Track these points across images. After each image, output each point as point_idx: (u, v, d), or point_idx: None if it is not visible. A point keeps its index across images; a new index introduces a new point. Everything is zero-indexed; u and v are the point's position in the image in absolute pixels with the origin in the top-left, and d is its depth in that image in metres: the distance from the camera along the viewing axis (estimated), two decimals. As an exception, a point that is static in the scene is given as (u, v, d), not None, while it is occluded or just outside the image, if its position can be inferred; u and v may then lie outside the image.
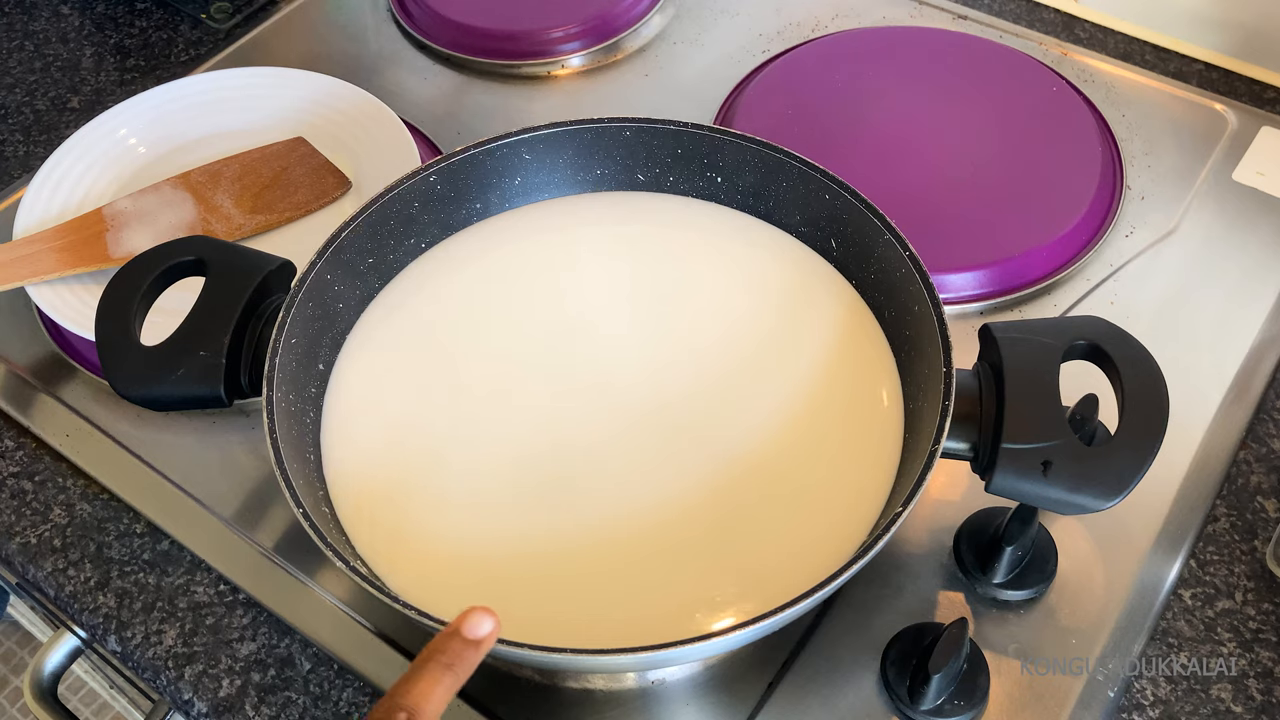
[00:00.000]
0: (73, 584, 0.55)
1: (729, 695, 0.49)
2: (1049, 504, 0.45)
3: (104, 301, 0.49)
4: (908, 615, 0.50)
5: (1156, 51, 0.77)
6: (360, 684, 0.51)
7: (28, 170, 0.73)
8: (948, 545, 0.52)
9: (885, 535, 0.42)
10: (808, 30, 0.79)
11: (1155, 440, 0.45)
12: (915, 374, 0.50)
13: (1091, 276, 0.63)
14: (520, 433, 0.51)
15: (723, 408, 0.51)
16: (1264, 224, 0.66)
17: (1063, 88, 0.72)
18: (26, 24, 0.86)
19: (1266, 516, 0.55)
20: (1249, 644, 0.51)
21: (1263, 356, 0.60)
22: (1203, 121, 0.71)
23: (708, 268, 0.57)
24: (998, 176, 0.67)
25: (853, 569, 0.41)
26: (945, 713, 0.47)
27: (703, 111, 0.74)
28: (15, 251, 0.62)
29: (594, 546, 0.47)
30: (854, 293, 0.55)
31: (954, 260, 0.62)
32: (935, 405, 0.46)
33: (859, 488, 0.49)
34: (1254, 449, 0.57)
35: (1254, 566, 0.53)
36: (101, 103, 0.78)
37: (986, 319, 0.62)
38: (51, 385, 0.62)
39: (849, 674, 0.49)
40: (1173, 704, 0.49)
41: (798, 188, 0.55)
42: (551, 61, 0.78)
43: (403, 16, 0.83)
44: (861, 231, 0.53)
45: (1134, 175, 0.69)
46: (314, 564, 0.54)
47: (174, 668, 0.52)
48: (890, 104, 0.71)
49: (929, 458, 0.44)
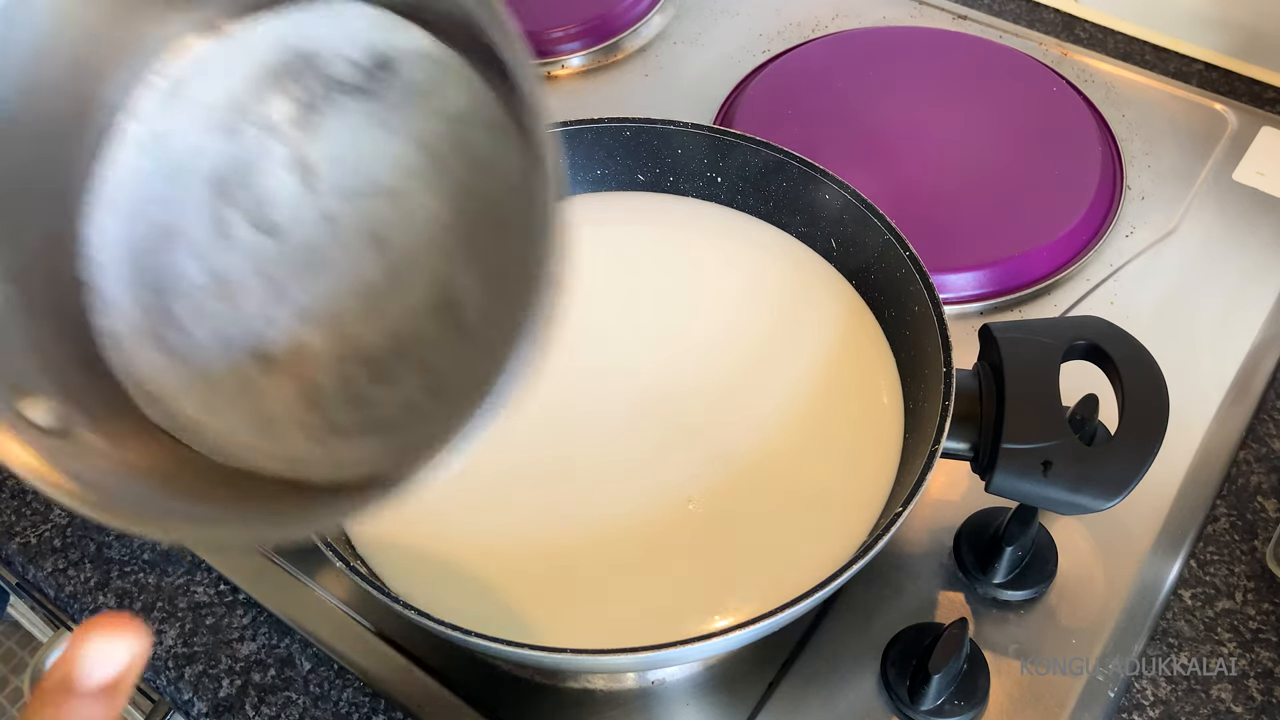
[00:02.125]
0: (73, 584, 0.55)
1: (729, 695, 0.49)
2: (1049, 504, 0.45)
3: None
4: (908, 615, 0.50)
5: (1156, 51, 0.77)
6: (360, 684, 0.51)
7: (28, 170, 0.73)
8: (948, 545, 0.52)
9: (885, 535, 0.42)
10: (808, 30, 0.79)
11: (1155, 440, 0.45)
12: (915, 374, 0.50)
13: (1091, 276, 0.63)
14: (519, 432, 0.51)
15: (723, 408, 0.51)
16: (1264, 224, 0.66)
17: (1063, 88, 0.72)
18: (26, 24, 0.86)
19: (1267, 516, 0.55)
20: (1249, 644, 0.50)
21: (1263, 356, 0.60)
22: (1203, 121, 0.71)
23: (708, 268, 0.57)
24: (998, 176, 0.67)
25: (853, 569, 0.41)
26: (945, 713, 0.47)
27: (703, 111, 0.74)
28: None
29: (594, 546, 0.47)
30: (854, 293, 0.55)
31: (954, 260, 0.62)
32: (935, 405, 0.46)
33: (859, 487, 0.49)
34: (1254, 449, 0.57)
35: (1254, 566, 0.53)
36: (101, 103, 0.78)
37: (987, 319, 0.62)
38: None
39: (849, 674, 0.49)
40: (1173, 704, 0.49)
41: (798, 188, 0.55)
42: (551, 61, 0.78)
43: (403, 16, 0.83)
44: (861, 231, 0.53)
45: (1134, 175, 0.69)
46: (314, 564, 0.54)
47: (174, 668, 0.52)
48: (890, 104, 0.71)
49: (929, 458, 0.44)
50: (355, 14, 0.39)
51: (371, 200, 0.40)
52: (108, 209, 0.40)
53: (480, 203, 0.40)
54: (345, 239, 0.40)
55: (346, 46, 0.40)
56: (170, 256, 0.40)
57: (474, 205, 0.40)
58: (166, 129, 0.40)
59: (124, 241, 0.40)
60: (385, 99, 0.40)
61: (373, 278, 0.40)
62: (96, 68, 0.39)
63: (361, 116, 0.40)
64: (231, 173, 0.41)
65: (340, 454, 0.39)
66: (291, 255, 0.41)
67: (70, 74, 0.38)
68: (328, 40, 0.40)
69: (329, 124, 0.40)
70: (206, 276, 0.40)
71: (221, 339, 0.40)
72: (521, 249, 0.39)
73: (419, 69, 0.40)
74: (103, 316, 0.40)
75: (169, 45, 0.40)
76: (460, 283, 0.40)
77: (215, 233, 0.40)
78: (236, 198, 0.41)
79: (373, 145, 0.40)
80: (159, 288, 0.40)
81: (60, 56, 0.37)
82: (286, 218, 0.41)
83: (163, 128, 0.40)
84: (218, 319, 0.40)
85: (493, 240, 0.40)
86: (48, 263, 0.39)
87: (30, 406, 0.34)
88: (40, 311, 0.38)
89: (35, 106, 0.37)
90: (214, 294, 0.40)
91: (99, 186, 0.40)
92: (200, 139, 0.41)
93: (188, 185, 0.40)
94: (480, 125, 0.40)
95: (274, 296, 0.41)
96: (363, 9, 0.39)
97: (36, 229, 0.38)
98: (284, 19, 0.40)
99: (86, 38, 0.38)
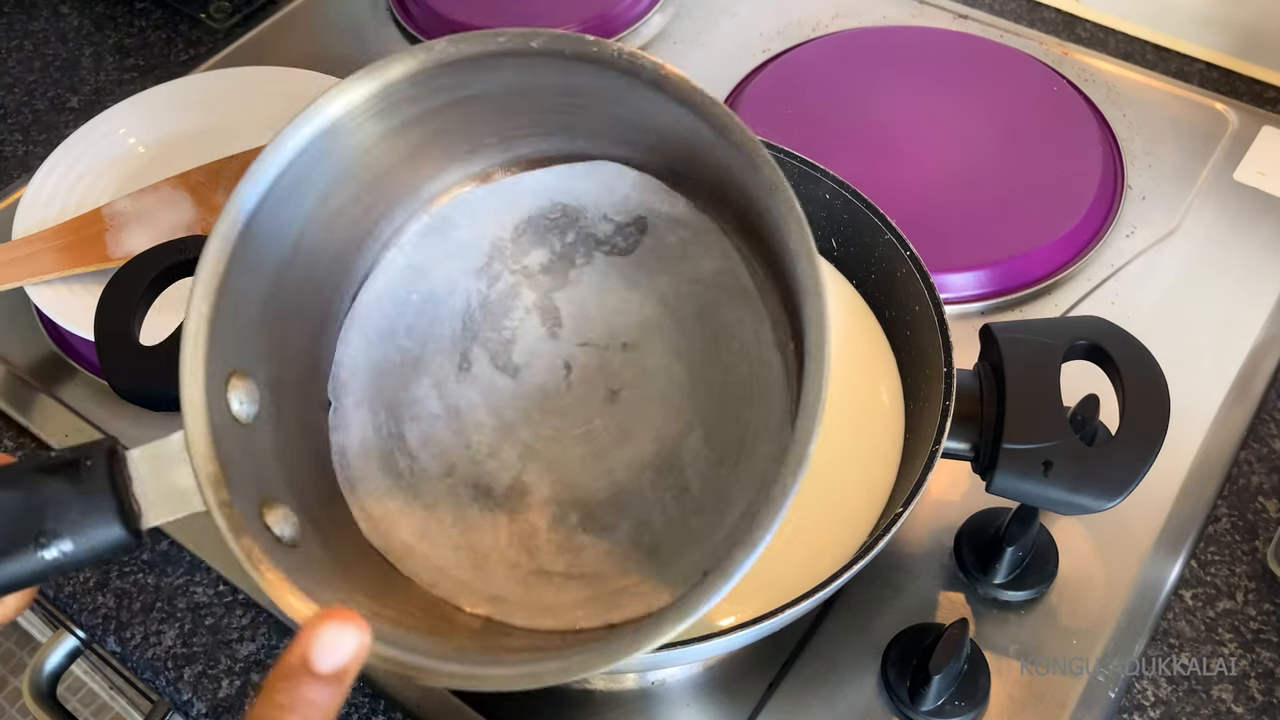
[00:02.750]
0: (72, 584, 0.55)
1: (729, 696, 0.49)
2: (1050, 504, 0.45)
3: (103, 301, 0.49)
4: (908, 616, 0.50)
5: (1157, 51, 0.77)
6: (359, 684, 0.51)
7: (27, 170, 0.73)
8: (948, 546, 0.52)
9: (886, 536, 0.42)
10: (808, 30, 0.79)
11: (1156, 440, 0.45)
12: (916, 374, 0.50)
13: (1092, 276, 0.63)
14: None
15: (723, 408, 0.51)
16: (1265, 224, 0.66)
17: (1063, 87, 0.72)
18: (26, 23, 0.86)
19: (1268, 517, 0.55)
20: (1250, 644, 0.50)
21: (1264, 356, 0.60)
22: (1204, 121, 0.71)
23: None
24: (998, 176, 0.67)
25: (853, 569, 0.41)
26: (946, 713, 0.47)
27: (703, 111, 0.73)
28: (14, 251, 0.62)
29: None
30: (854, 292, 0.55)
31: (955, 260, 0.62)
32: (936, 405, 0.46)
33: (859, 488, 0.49)
34: (1255, 449, 0.57)
35: (1255, 567, 0.53)
36: (101, 102, 0.78)
37: (987, 319, 0.62)
38: (51, 385, 0.62)
39: (849, 675, 0.49)
40: (1173, 704, 0.49)
41: (798, 187, 0.55)
42: (551, 61, 0.78)
43: (403, 16, 0.83)
44: (862, 231, 0.53)
45: (1135, 175, 0.69)
46: (313, 564, 0.54)
47: (173, 668, 0.51)
48: (891, 103, 0.71)
49: (930, 458, 0.44)
50: (618, 175, 0.41)
51: (610, 353, 0.42)
52: (359, 330, 0.42)
53: (717, 371, 0.41)
54: (580, 387, 0.42)
55: (610, 206, 0.41)
56: (411, 383, 0.42)
57: (711, 372, 0.41)
58: (426, 262, 0.42)
59: (370, 363, 0.42)
60: (637, 257, 0.41)
61: (600, 428, 0.41)
62: (380, 207, 0.41)
63: (612, 271, 0.42)
64: (482, 312, 0.42)
65: (542, 597, 0.39)
66: (526, 396, 0.42)
67: (355, 207, 0.40)
68: (592, 198, 0.41)
69: (581, 276, 0.42)
70: (441, 407, 0.42)
71: (446, 467, 0.42)
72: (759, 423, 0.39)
73: (673, 232, 0.41)
74: (339, 432, 0.41)
75: (446, 191, 0.42)
76: (688, 445, 0.41)
77: (457, 366, 0.42)
78: (483, 335, 0.42)
79: (618, 301, 0.42)
80: (396, 412, 0.42)
81: (351, 192, 0.39)
82: (526, 360, 0.42)
83: (422, 260, 0.42)
84: (446, 449, 0.42)
85: (727, 410, 0.40)
86: (302, 379, 0.40)
87: (273, 518, 0.36)
88: (289, 424, 0.39)
89: (321, 234, 0.39)
90: (446, 424, 0.42)
91: (356, 310, 0.42)
92: (457, 276, 0.42)
93: (439, 318, 0.42)
94: (726, 291, 0.41)
95: (503, 434, 0.42)
96: (627, 172, 0.40)
97: (299, 345, 0.40)
98: (553, 174, 0.41)
99: (376, 178, 0.40)
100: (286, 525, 0.36)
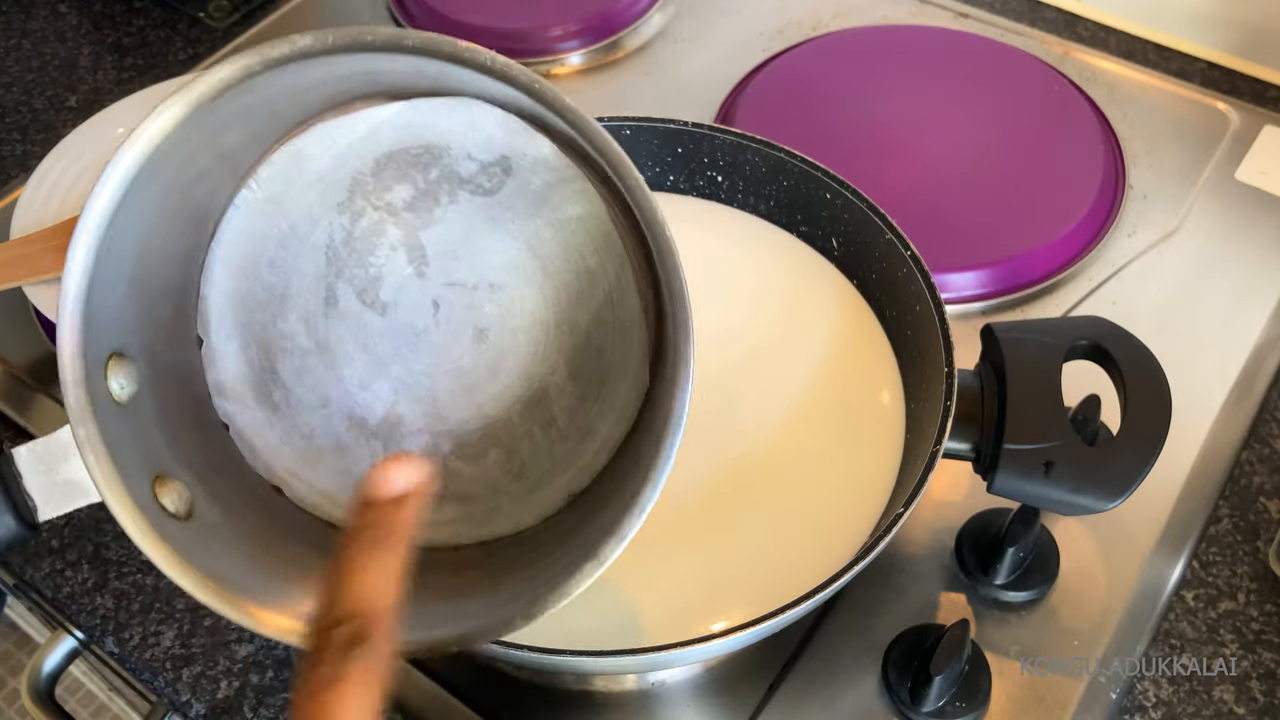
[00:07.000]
0: (70, 585, 0.54)
1: (730, 697, 0.49)
2: (1051, 505, 0.45)
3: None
4: (909, 616, 0.50)
5: (1159, 50, 0.77)
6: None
7: (25, 169, 0.73)
8: (949, 546, 0.52)
9: (886, 536, 0.42)
10: (808, 29, 0.79)
11: (1158, 441, 0.45)
12: (917, 374, 0.50)
13: (1094, 276, 0.63)
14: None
15: (723, 408, 0.51)
16: (1267, 223, 0.66)
17: (1064, 86, 0.72)
18: (24, 22, 0.86)
19: (1269, 517, 0.54)
20: (1251, 645, 0.50)
21: (1266, 356, 0.60)
22: (1205, 121, 0.71)
23: (708, 268, 0.56)
24: (999, 176, 0.67)
25: (854, 570, 0.41)
26: (947, 714, 0.47)
27: (703, 110, 0.73)
28: (12, 251, 0.61)
29: (594, 547, 0.47)
30: (855, 293, 0.55)
31: (956, 260, 0.62)
32: (937, 405, 0.45)
33: (860, 488, 0.49)
34: (1257, 449, 0.57)
35: (1256, 567, 0.53)
36: (99, 102, 0.78)
37: (988, 319, 0.61)
38: (49, 386, 0.62)
39: (850, 675, 0.49)
40: (1175, 705, 0.49)
41: (798, 187, 0.55)
42: (551, 60, 0.78)
43: (402, 15, 0.83)
44: (863, 231, 0.53)
45: (1136, 174, 0.68)
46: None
47: (172, 669, 0.51)
48: (891, 103, 0.71)
49: (930, 458, 0.44)
50: (484, 114, 0.41)
51: (478, 293, 0.43)
52: (222, 265, 0.42)
53: (581, 312, 0.42)
54: (448, 325, 0.43)
55: (474, 145, 0.41)
56: (279, 318, 0.43)
57: (575, 313, 0.43)
58: (283, 195, 0.42)
59: (236, 297, 0.42)
60: (501, 198, 0.42)
61: (469, 364, 0.43)
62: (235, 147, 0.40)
63: (477, 212, 0.42)
64: (346, 248, 0.42)
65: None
66: (395, 333, 0.43)
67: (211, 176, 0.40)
68: (456, 136, 0.41)
69: (445, 215, 0.42)
70: (311, 341, 0.43)
71: (321, 399, 0.43)
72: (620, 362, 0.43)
73: (537, 174, 0.41)
74: (214, 368, 0.42)
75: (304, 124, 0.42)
76: (554, 382, 0.43)
77: (324, 301, 0.43)
78: (349, 272, 0.43)
79: (484, 241, 0.42)
80: (267, 346, 0.43)
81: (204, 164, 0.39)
82: (394, 298, 0.43)
83: (279, 193, 0.42)
84: (319, 381, 0.43)
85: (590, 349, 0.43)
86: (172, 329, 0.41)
87: (164, 492, 0.37)
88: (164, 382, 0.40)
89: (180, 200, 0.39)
90: (318, 358, 0.43)
91: (217, 246, 0.42)
92: (317, 211, 0.42)
93: (301, 253, 0.42)
94: (589, 235, 0.42)
95: (374, 369, 0.43)
96: (491, 110, 0.41)
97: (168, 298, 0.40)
98: (415, 108, 0.41)
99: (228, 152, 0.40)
100: (180, 500, 0.38)
